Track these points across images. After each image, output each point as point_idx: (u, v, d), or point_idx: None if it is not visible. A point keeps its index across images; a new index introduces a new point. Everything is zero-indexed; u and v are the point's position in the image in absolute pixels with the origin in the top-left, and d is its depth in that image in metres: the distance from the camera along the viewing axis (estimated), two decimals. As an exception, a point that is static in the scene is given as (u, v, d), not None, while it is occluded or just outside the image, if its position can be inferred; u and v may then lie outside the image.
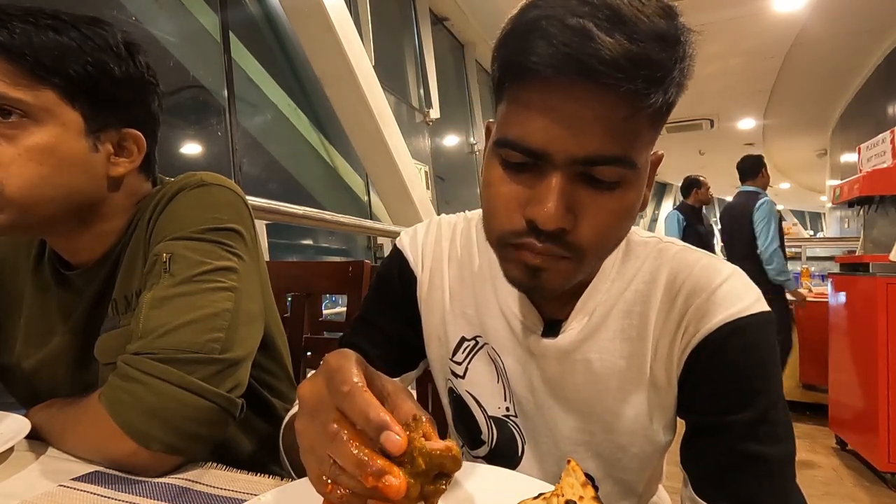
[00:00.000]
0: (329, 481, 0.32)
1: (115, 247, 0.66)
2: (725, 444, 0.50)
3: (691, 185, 3.84)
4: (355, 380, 0.32)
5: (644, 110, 0.40)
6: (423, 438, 0.33)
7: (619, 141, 0.42)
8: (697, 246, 0.58)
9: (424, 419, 0.34)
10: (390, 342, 0.66)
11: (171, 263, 0.58)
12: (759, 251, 3.16)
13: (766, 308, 0.51)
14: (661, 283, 0.54)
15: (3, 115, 0.55)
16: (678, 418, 0.58)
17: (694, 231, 3.72)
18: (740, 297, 0.51)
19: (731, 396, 0.50)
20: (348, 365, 0.33)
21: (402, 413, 0.34)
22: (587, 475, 0.60)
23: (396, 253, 0.68)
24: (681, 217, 3.75)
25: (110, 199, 0.65)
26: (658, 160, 0.52)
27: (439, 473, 0.33)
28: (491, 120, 0.51)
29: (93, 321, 0.66)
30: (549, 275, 0.47)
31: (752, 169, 3.35)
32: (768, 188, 3.45)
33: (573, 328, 0.56)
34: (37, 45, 0.55)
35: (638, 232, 0.59)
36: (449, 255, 0.66)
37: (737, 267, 0.54)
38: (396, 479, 0.30)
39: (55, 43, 0.56)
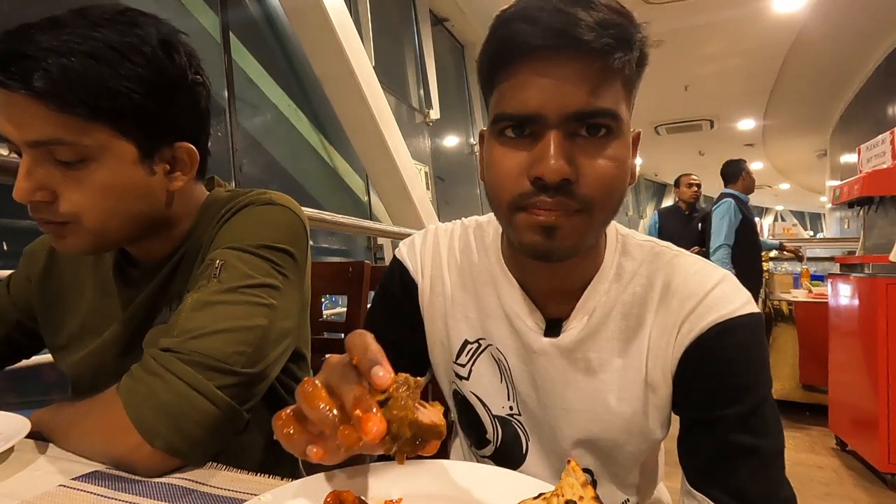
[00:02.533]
0: (290, 430, 0.37)
1: (179, 248, 0.70)
2: (717, 436, 0.53)
3: (675, 184, 3.82)
4: (369, 336, 0.38)
5: (614, 66, 0.47)
6: (416, 406, 0.35)
7: (601, 95, 0.47)
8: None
9: (416, 385, 0.37)
10: (397, 350, 0.68)
11: (221, 270, 0.61)
12: (710, 242, 3.18)
13: (756, 310, 0.55)
14: (658, 286, 0.57)
15: (67, 165, 0.57)
16: (674, 415, 0.60)
17: (669, 235, 3.70)
18: (731, 299, 0.54)
19: (723, 392, 0.53)
20: (367, 332, 0.39)
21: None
22: (586, 470, 0.61)
23: (396, 263, 0.70)
24: (657, 219, 3.78)
25: (173, 209, 0.68)
26: (636, 137, 0.56)
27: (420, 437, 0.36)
28: (484, 128, 0.55)
29: (147, 314, 0.69)
30: (563, 232, 0.49)
31: (732, 174, 3.38)
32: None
33: (574, 327, 0.58)
34: (80, 89, 0.53)
35: (633, 235, 0.62)
36: (448, 262, 0.67)
37: (728, 272, 0.57)
38: (378, 423, 0.32)
39: (98, 78, 0.54)
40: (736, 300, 0.54)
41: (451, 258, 0.67)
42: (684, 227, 3.82)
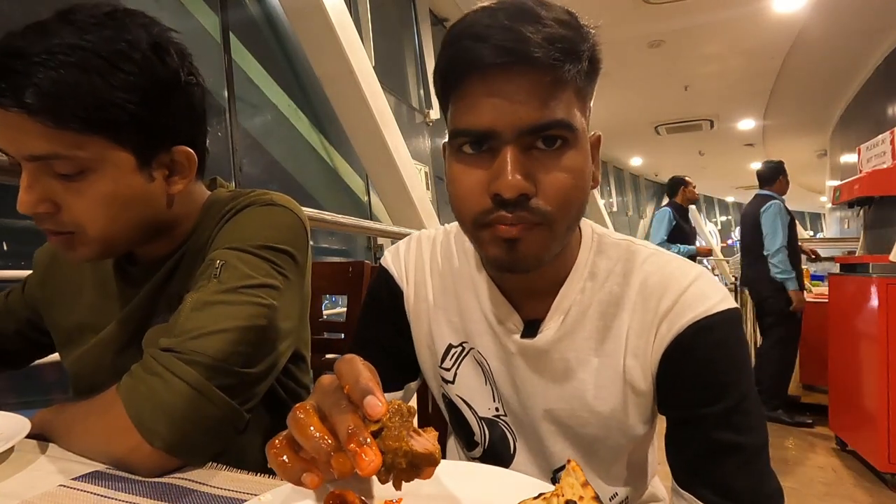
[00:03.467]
0: (284, 458, 0.36)
1: (180, 248, 0.70)
2: (701, 434, 0.53)
3: (677, 184, 3.92)
4: (359, 362, 0.38)
5: (565, 78, 0.47)
6: (411, 434, 0.35)
7: (553, 107, 0.48)
8: (680, 243, 0.61)
9: (409, 412, 0.36)
10: (388, 356, 0.69)
11: (221, 270, 0.61)
12: (765, 252, 3.17)
13: (733, 305, 0.55)
14: (635, 285, 0.58)
15: (67, 177, 0.56)
16: (660, 414, 0.60)
17: (681, 230, 3.82)
18: (707, 296, 0.54)
19: (705, 390, 0.53)
20: (357, 358, 0.39)
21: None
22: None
23: (382, 271, 0.71)
24: (671, 214, 3.83)
25: (174, 210, 0.67)
26: (596, 141, 0.56)
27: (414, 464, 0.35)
28: (445, 141, 0.56)
29: (146, 313, 0.69)
30: (525, 245, 0.50)
31: (769, 176, 3.38)
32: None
33: (550, 328, 0.59)
34: (73, 104, 0.53)
35: (609, 234, 0.63)
36: (431, 268, 0.68)
37: (704, 269, 0.58)
38: (373, 458, 0.32)
39: (90, 92, 0.54)
40: (713, 297, 0.54)
41: (433, 264, 0.68)
42: (688, 224, 3.99)
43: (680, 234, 3.81)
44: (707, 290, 0.55)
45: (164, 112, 0.60)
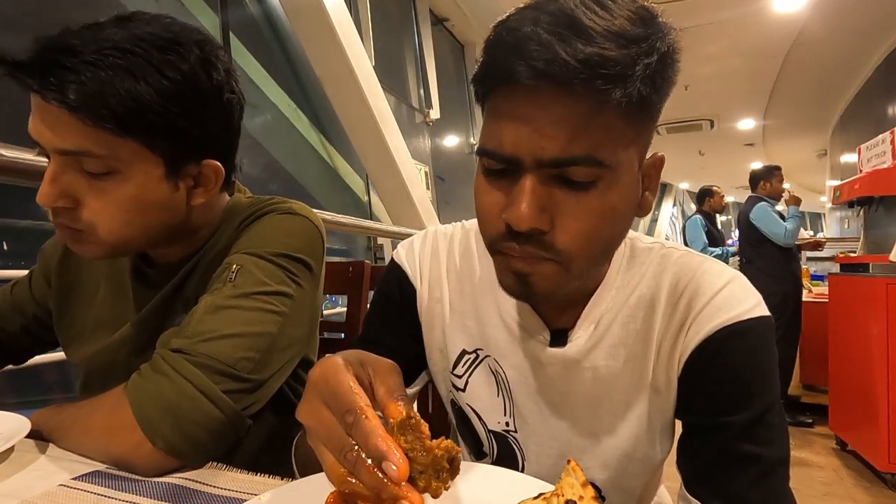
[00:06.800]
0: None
1: (198, 252, 0.70)
2: (720, 443, 0.51)
3: (704, 194, 4.20)
4: (357, 401, 0.32)
5: (608, 107, 0.41)
6: (424, 437, 0.33)
7: (585, 141, 0.42)
8: (712, 246, 0.58)
9: (417, 419, 0.34)
10: (394, 357, 0.65)
11: (237, 275, 0.61)
12: (778, 242, 3.24)
13: (766, 313, 0.52)
14: (665, 287, 0.55)
15: (94, 175, 0.57)
16: (676, 420, 0.58)
17: (711, 235, 4.10)
18: (740, 301, 0.51)
19: (729, 398, 0.51)
20: (344, 381, 0.33)
21: (388, 387, 0.35)
22: (594, 485, 0.60)
23: (394, 266, 0.67)
24: (702, 221, 4.08)
25: (194, 219, 0.68)
26: (657, 162, 0.52)
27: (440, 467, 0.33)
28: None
29: (161, 315, 0.69)
30: (535, 279, 0.47)
31: (752, 181, 3.57)
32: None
33: (580, 337, 0.56)
34: (114, 105, 0.54)
35: (640, 238, 0.59)
36: (447, 267, 0.65)
37: (738, 272, 0.54)
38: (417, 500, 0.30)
39: (133, 95, 0.54)
40: (746, 302, 0.51)
41: (450, 263, 0.64)
42: (717, 230, 4.26)
43: (711, 240, 4.06)
44: (741, 295, 0.52)
45: (202, 124, 0.61)
